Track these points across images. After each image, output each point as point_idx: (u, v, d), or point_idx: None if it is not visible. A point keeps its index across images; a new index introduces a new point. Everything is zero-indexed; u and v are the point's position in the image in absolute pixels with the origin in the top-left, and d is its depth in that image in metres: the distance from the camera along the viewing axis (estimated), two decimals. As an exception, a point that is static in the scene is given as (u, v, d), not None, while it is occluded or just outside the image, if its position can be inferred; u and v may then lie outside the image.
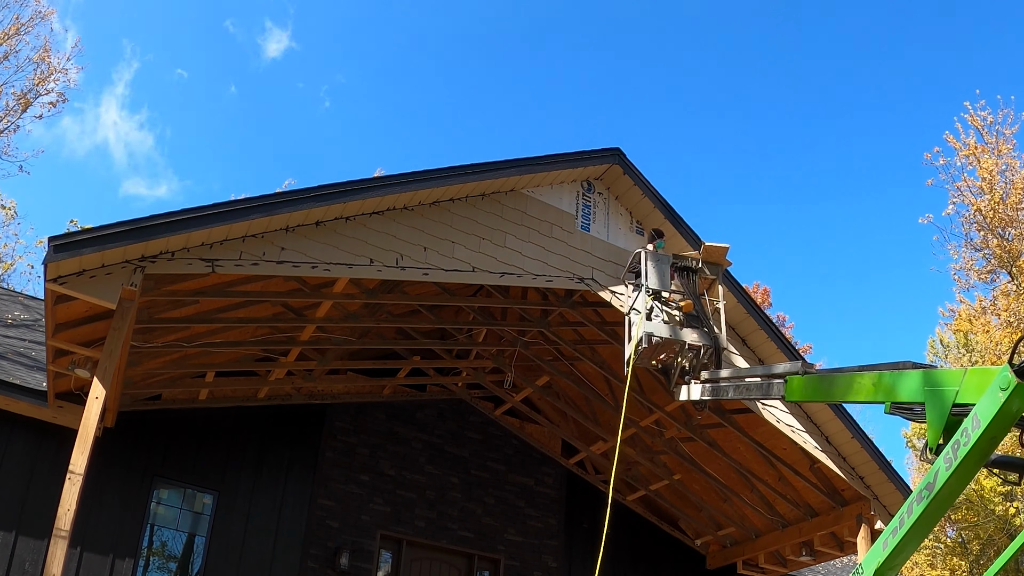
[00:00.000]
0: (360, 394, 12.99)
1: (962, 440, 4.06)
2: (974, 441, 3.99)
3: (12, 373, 10.52)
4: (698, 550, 14.78)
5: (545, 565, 13.38)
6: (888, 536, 4.61)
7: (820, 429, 11.53)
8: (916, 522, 4.39)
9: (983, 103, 21.86)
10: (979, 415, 3.98)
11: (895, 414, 4.85)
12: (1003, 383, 3.86)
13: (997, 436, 3.99)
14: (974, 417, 4.01)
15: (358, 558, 12.03)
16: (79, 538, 10.18)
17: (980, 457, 4.09)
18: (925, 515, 4.34)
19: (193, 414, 11.77)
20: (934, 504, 4.28)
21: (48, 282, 7.81)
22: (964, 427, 4.07)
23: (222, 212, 8.34)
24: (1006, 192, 21.08)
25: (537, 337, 12.60)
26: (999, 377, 3.89)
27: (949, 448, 4.16)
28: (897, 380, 4.72)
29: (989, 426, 3.93)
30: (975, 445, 4.00)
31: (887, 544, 4.60)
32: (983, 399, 3.98)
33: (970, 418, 4.04)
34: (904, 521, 4.46)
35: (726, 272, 9.81)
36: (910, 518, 4.41)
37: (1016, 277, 20.92)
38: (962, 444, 4.06)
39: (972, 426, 4.01)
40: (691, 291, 7.43)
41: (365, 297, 10.47)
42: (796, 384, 5.75)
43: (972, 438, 4.00)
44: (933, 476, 4.25)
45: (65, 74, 23.98)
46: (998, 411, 3.88)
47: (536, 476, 13.93)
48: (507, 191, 10.45)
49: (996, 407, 3.88)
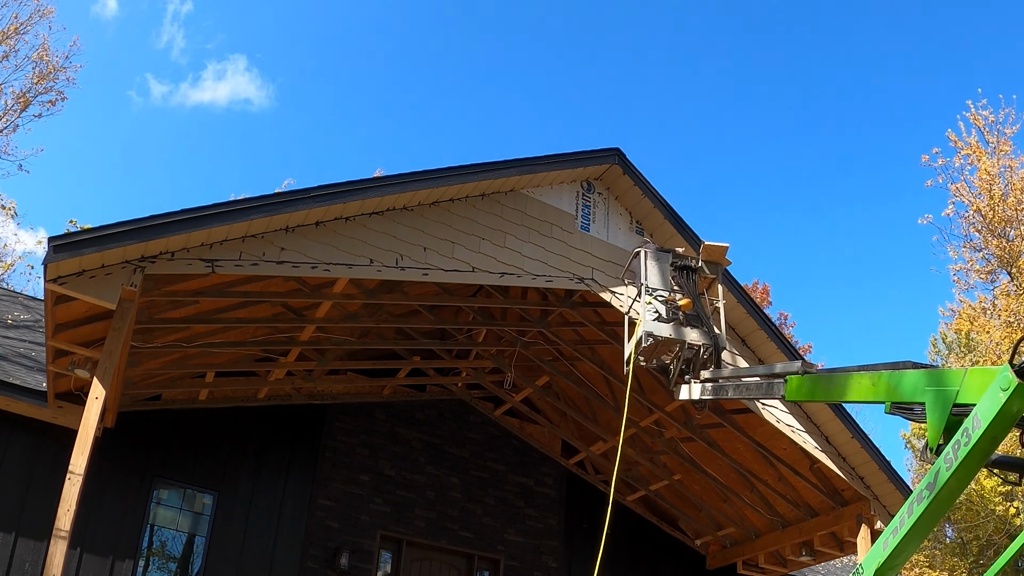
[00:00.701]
0: (360, 394, 12.99)
1: (962, 440, 4.07)
2: (975, 441, 3.99)
3: (12, 373, 10.52)
4: (698, 550, 14.78)
5: (545, 565, 13.37)
6: (888, 536, 4.61)
7: (820, 429, 11.53)
8: (916, 522, 4.39)
9: (984, 102, 21.87)
10: (979, 415, 3.99)
11: (895, 414, 4.84)
12: (1004, 383, 3.86)
13: (998, 436, 3.98)
14: (974, 417, 4.01)
15: (358, 558, 12.03)
16: (79, 538, 10.18)
17: (981, 457, 4.08)
18: (925, 515, 4.34)
19: (193, 414, 11.77)
20: (934, 504, 4.28)
21: (48, 282, 7.81)
22: (965, 427, 4.07)
23: (222, 212, 8.34)
24: (1006, 192, 21.08)
25: (537, 337, 12.59)
26: (999, 377, 3.89)
27: (949, 448, 4.15)
28: (897, 380, 4.71)
29: (989, 426, 3.92)
30: (975, 445, 4.00)
31: (887, 544, 4.60)
32: (983, 399, 3.98)
33: (970, 418, 4.04)
34: (904, 521, 4.46)
35: (725, 272, 9.80)
36: (910, 518, 4.41)
37: (1016, 277, 20.91)
38: (962, 444, 4.06)
39: (973, 426, 4.01)
40: (691, 290, 7.42)
41: (365, 297, 10.47)
42: (796, 384, 5.74)
43: (972, 438, 4.00)
44: (933, 476, 4.24)
45: (64, 72, 23.98)
46: (999, 411, 3.88)
47: (536, 476, 13.93)
48: (507, 191, 10.45)
49: (997, 407, 3.88)
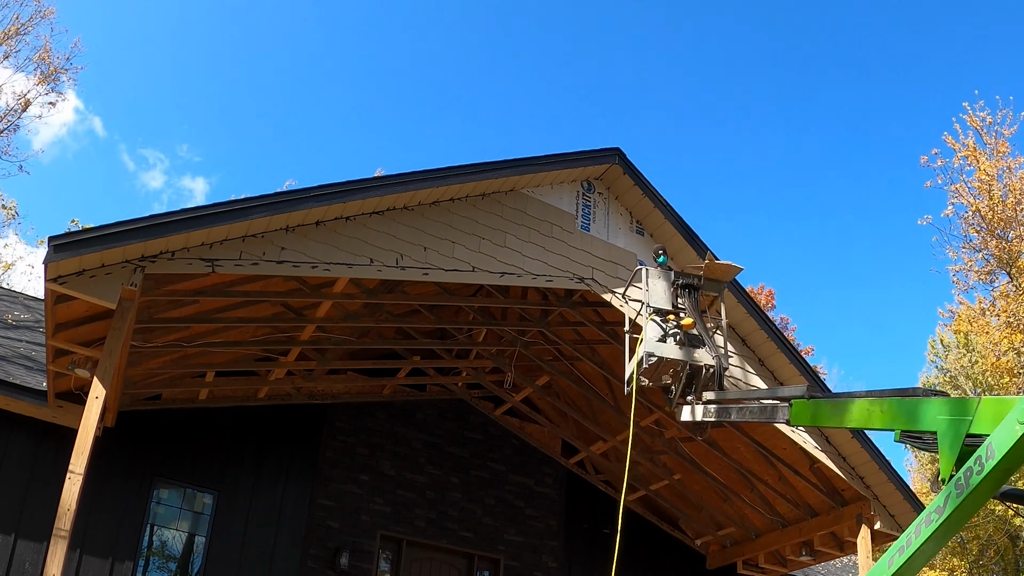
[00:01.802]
0: (360, 394, 12.99)
1: (975, 468, 4.00)
2: (987, 471, 3.92)
3: (12, 373, 10.52)
4: (698, 550, 14.77)
5: (545, 565, 13.37)
6: (895, 554, 4.54)
7: (820, 429, 11.52)
8: (923, 544, 4.34)
9: (982, 103, 21.84)
10: (994, 445, 3.91)
11: (905, 442, 4.71)
12: (1021, 416, 3.78)
13: (1012, 468, 3.93)
14: (988, 447, 3.94)
15: (358, 558, 12.02)
16: (79, 538, 10.18)
17: (992, 487, 4.03)
18: (933, 538, 4.30)
19: (193, 414, 11.77)
20: (943, 528, 4.23)
21: (48, 282, 7.81)
22: (978, 455, 3.99)
23: (222, 212, 8.34)
24: (1005, 193, 21.07)
25: (537, 337, 12.59)
26: (1016, 409, 3.82)
27: (961, 475, 4.08)
28: (907, 408, 4.63)
29: (1004, 458, 3.86)
30: (988, 475, 3.94)
31: (893, 562, 4.53)
32: (999, 430, 3.91)
33: (984, 447, 3.96)
34: (912, 541, 4.40)
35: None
36: (918, 539, 4.36)
37: (1015, 278, 20.92)
38: (975, 472, 4.00)
39: (987, 455, 3.94)
40: (693, 309, 7.30)
41: (365, 297, 10.47)
42: (801, 408, 5.64)
43: (986, 468, 3.93)
44: (943, 500, 4.19)
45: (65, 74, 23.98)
46: (1015, 443, 3.81)
47: (536, 476, 13.93)
48: (507, 191, 10.45)
49: (1013, 439, 3.81)
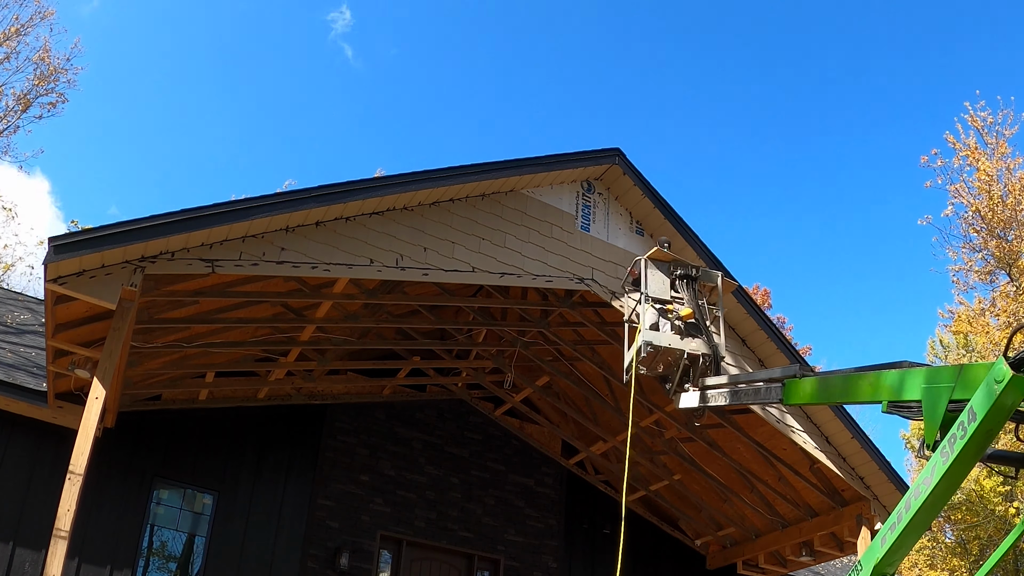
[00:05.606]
0: (360, 394, 12.99)
1: (958, 434, 4.08)
2: (970, 435, 4.00)
3: (12, 374, 10.52)
4: (698, 550, 14.78)
5: (545, 565, 13.38)
6: (886, 532, 4.62)
7: (820, 429, 11.53)
8: (913, 517, 4.40)
9: (983, 103, 21.86)
10: (974, 408, 4.00)
11: (892, 413, 4.88)
12: (998, 375, 3.86)
13: (993, 429, 4.00)
14: (970, 411, 4.03)
15: (358, 558, 12.03)
16: (79, 538, 10.18)
17: (976, 451, 4.10)
18: (922, 510, 4.35)
19: (193, 414, 11.77)
20: (931, 499, 4.29)
21: (48, 282, 7.81)
22: (960, 421, 4.08)
23: (222, 212, 8.34)
24: (1005, 193, 21.08)
25: (537, 337, 12.60)
26: (994, 370, 3.90)
27: (946, 442, 4.17)
28: (893, 379, 4.74)
29: (984, 419, 3.93)
30: (971, 439, 4.01)
31: (885, 540, 4.61)
32: (978, 392, 4.00)
33: (966, 412, 4.06)
34: (902, 516, 4.47)
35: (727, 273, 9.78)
36: (908, 513, 4.43)
37: (1015, 278, 20.92)
38: (958, 438, 4.08)
39: (968, 420, 4.03)
40: (691, 298, 7.40)
41: (365, 297, 10.47)
42: (794, 387, 5.77)
43: (968, 432, 4.01)
44: (930, 471, 4.26)
45: (65, 74, 23.97)
46: (993, 404, 3.89)
47: (536, 476, 13.93)
48: (507, 191, 10.45)
49: (991, 400, 3.89)
